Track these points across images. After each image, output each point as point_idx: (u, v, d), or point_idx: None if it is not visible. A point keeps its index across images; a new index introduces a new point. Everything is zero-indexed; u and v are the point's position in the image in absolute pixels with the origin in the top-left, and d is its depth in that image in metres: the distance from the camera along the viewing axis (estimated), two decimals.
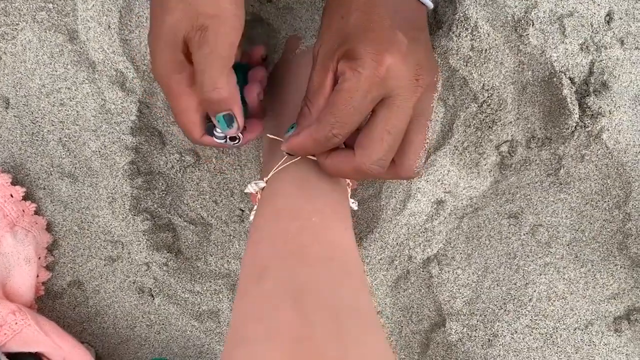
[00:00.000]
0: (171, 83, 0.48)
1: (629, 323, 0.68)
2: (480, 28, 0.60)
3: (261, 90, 0.55)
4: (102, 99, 0.62)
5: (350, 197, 0.59)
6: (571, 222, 0.67)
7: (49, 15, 0.62)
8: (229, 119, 0.49)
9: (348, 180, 0.59)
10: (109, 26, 0.62)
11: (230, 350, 0.40)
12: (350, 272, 0.45)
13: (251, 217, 0.60)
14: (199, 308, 0.67)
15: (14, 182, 0.62)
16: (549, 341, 0.68)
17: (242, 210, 0.68)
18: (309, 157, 0.51)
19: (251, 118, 0.54)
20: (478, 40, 0.61)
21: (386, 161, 0.46)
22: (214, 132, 0.50)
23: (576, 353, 0.69)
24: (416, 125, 0.46)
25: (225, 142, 0.51)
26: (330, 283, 0.42)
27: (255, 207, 0.57)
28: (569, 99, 0.61)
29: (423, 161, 0.49)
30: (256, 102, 0.54)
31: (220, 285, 0.67)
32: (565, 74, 0.61)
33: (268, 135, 0.54)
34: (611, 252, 0.67)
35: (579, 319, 0.68)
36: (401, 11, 0.46)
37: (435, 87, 0.47)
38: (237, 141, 0.51)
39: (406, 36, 0.44)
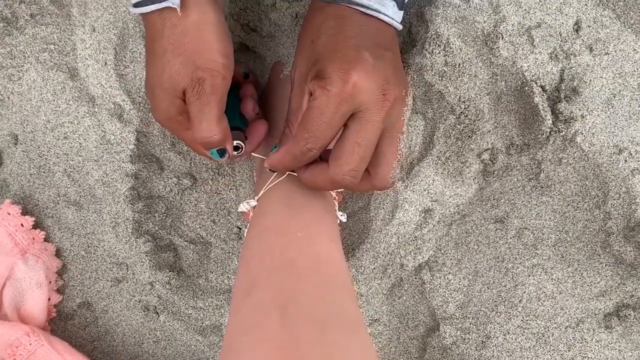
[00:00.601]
0: (174, 124, 0.53)
1: (619, 319, 0.69)
2: (452, 44, 0.63)
3: (256, 104, 0.59)
4: (102, 131, 0.67)
5: (339, 210, 0.62)
6: (555, 224, 0.69)
7: (50, 55, 0.67)
8: (222, 152, 0.54)
9: (334, 194, 0.62)
10: (106, 63, 0.66)
11: None
12: (336, 282, 0.47)
13: (245, 234, 0.63)
14: (202, 323, 0.70)
15: (24, 212, 0.67)
16: (541, 340, 0.70)
17: (240, 228, 0.72)
18: (294, 175, 0.55)
19: (252, 127, 0.58)
20: (451, 55, 0.64)
21: (358, 172, 0.48)
22: None
23: (569, 351, 0.70)
24: (387, 137, 0.49)
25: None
26: (315, 293, 0.44)
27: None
28: (540, 106, 0.63)
29: (397, 172, 0.51)
30: (253, 115, 0.59)
31: (221, 300, 0.70)
32: (536, 83, 0.64)
33: (254, 154, 0.57)
34: (595, 250, 0.69)
35: (569, 318, 0.70)
36: (367, 32, 0.49)
37: (404, 100, 0.49)
38: (240, 150, 0.56)
39: (372, 55, 0.47)
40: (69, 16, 0.66)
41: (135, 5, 0.49)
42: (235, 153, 0.56)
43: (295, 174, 0.55)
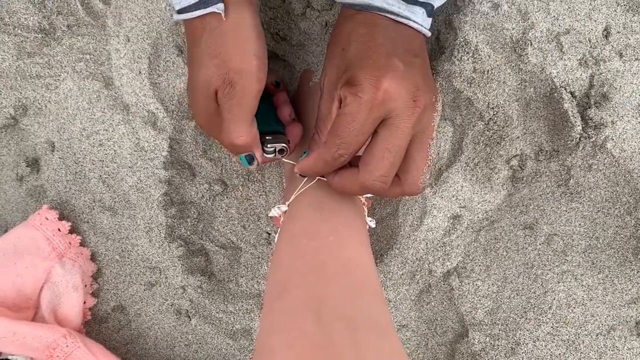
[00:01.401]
0: (210, 126, 0.54)
1: None
2: (481, 51, 0.64)
3: (292, 110, 0.60)
4: (136, 138, 0.68)
5: (368, 216, 0.62)
6: (585, 230, 0.69)
7: (86, 65, 0.68)
8: (250, 158, 0.55)
9: (364, 200, 0.62)
10: (140, 72, 0.67)
11: None
12: (366, 285, 0.47)
13: (275, 239, 0.64)
14: (232, 327, 0.71)
15: (61, 218, 0.69)
16: (571, 348, 0.70)
17: (269, 234, 0.73)
18: (324, 180, 0.55)
19: (288, 131, 0.59)
20: (480, 62, 0.64)
21: (388, 177, 0.49)
22: (265, 149, 0.56)
23: (600, 358, 0.70)
24: (418, 143, 0.50)
25: (275, 155, 0.57)
26: (346, 295, 0.44)
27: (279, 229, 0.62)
28: (570, 112, 0.63)
29: (427, 177, 0.52)
30: (290, 121, 0.60)
31: (251, 305, 0.71)
32: (565, 89, 0.64)
33: (285, 160, 0.58)
34: (627, 257, 0.68)
35: (600, 325, 0.70)
36: (397, 39, 0.49)
37: (434, 107, 0.50)
38: (285, 153, 0.57)
39: (402, 61, 0.47)
40: (104, 27, 0.68)
41: (180, 12, 0.50)
42: (280, 156, 0.57)
43: (324, 179, 0.55)
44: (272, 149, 0.56)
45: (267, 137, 0.56)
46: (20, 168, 0.70)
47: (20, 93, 0.69)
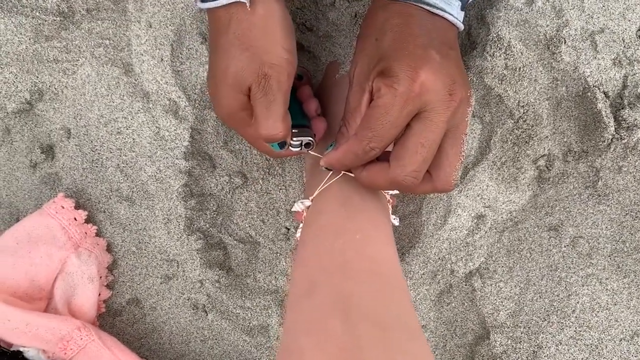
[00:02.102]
0: (236, 121, 0.52)
1: None
2: (514, 47, 0.63)
3: (318, 105, 0.59)
4: (156, 127, 0.66)
5: (392, 214, 0.61)
6: (611, 233, 0.68)
7: (105, 50, 0.67)
8: (283, 144, 0.53)
9: (388, 197, 0.61)
10: (162, 59, 0.66)
11: None
12: (393, 285, 0.46)
13: (297, 235, 0.62)
14: (249, 323, 0.70)
15: (77, 207, 0.66)
16: (594, 352, 0.69)
17: (288, 229, 0.71)
18: (350, 175, 0.54)
19: (313, 125, 0.58)
20: (512, 59, 0.63)
21: (420, 173, 0.47)
22: (291, 143, 0.54)
23: None
24: (451, 138, 0.48)
25: (301, 149, 0.56)
26: (374, 295, 0.43)
27: (301, 225, 0.60)
28: (603, 113, 0.62)
29: (459, 174, 0.50)
30: (315, 115, 0.59)
31: (269, 301, 0.70)
32: (599, 89, 0.63)
33: (310, 152, 0.57)
34: None
35: (624, 330, 0.69)
36: (432, 30, 0.48)
37: (469, 101, 0.48)
38: (311, 146, 0.56)
39: (438, 53, 0.46)
40: (125, 12, 0.66)
41: (204, 0, 0.49)
42: (307, 150, 0.55)
43: (349, 174, 0.54)
44: (298, 143, 0.55)
45: (293, 131, 0.54)
46: (35, 154, 0.68)
47: (37, 77, 0.67)
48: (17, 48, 0.65)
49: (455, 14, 0.50)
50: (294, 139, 0.54)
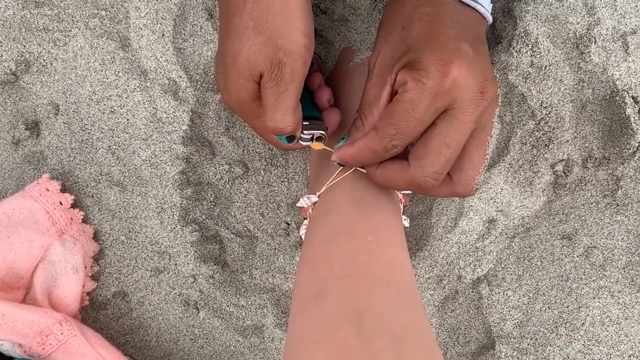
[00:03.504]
0: (245, 110, 0.48)
1: None
2: (541, 44, 0.59)
3: (331, 95, 0.55)
4: (153, 108, 0.62)
5: (402, 214, 0.57)
6: (627, 245, 0.65)
7: (101, 22, 0.62)
8: (292, 138, 0.49)
9: (401, 196, 0.57)
10: (163, 34, 0.61)
11: None
12: (408, 294, 0.43)
13: (301, 231, 0.58)
14: (243, 323, 0.66)
15: (63, 190, 0.61)
16: None
17: (288, 224, 0.67)
18: (361, 171, 0.50)
19: (326, 117, 0.54)
20: (538, 56, 0.60)
21: (442, 175, 0.44)
22: (301, 136, 0.50)
23: None
24: (476, 139, 0.44)
25: (311, 143, 0.51)
26: (389, 306, 0.40)
27: (306, 221, 0.56)
28: (632, 119, 0.59)
29: (481, 178, 0.47)
30: (327, 106, 0.54)
31: (264, 300, 0.66)
32: (628, 93, 0.60)
33: (324, 147, 0.53)
34: None
35: (633, 346, 0.66)
36: (464, 22, 0.45)
37: (497, 101, 0.45)
38: (323, 140, 0.51)
39: (471, 47, 0.42)
40: None
41: None
42: (319, 143, 0.51)
43: (362, 169, 0.50)
44: (309, 136, 0.51)
45: (304, 123, 0.50)
46: (18, 131, 0.63)
47: (24, 47, 0.61)
48: (3, 14, 0.60)
49: (487, 6, 0.47)
50: (305, 132, 0.50)
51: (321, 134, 0.50)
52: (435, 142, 0.43)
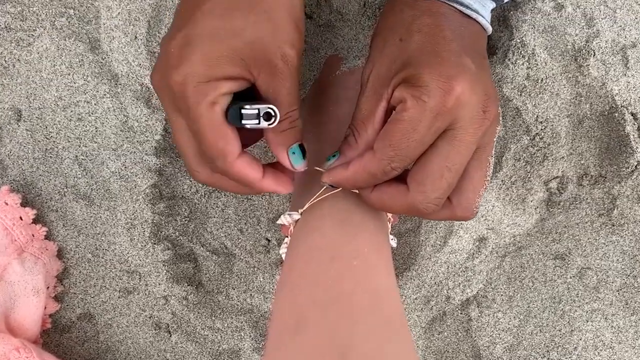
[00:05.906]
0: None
1: None
2: (538, 56, 0.57)
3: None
4: (124, 115, 0.58)
5: (390, 233, 0.54)
6: (622, 267, 0.63)
7: (69, 22, 0.58)
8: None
9: (389, 215, 0.54)
10: (136, 37, 0.57)
11: None
12: (396, 325, 0.40)
13: (281, 250, 0.55)
14: (218, 347, 0.62)
15: (24, 203, 0.58)
16: None
17: (269, 240, 0.64)
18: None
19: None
20: (535, 68, 0.57)
21: (443, 200, 0.41)
22: (243, 112, 0.39)
23: None
24: (477, 160, 0.42)
25: (259, 123, 0.40)
26: (375, 340, 0.37)
27: (287, 240, 0.53)
28: (632, 136, 0.57)
29: (480, 200, 0.44)
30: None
31: (242, 322, 0.62)
32: (627, 109, 0.57)
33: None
34: None
35: None
36: (465, 35, 0.42)
37: (499, 119, 0.43)
38: (274, 119, 0.40)
39: (473, 62, 0.40)
40: None
41: None
42: (267, 124, 0.40)
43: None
44: (254, 112, 0.39)
45: (243, 104, 0.40)
46: None
47: None
48: None
49: (487, 17, 0.45)
50: (247, 107, 0.39)
51: (269, 108, 0.40)
52: (436, 165, 0.40)
